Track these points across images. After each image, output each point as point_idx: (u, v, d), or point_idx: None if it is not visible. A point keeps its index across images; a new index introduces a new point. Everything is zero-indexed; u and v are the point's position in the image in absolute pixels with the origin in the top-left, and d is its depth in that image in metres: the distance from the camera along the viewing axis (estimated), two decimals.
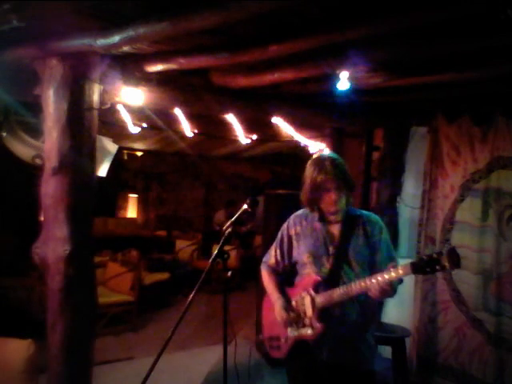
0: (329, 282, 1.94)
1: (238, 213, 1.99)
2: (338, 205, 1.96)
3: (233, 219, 1.96)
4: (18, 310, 4.34)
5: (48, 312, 2.42)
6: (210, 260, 1.87)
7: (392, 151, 4.03)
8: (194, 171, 9.38)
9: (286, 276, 2.18)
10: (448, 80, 2.69)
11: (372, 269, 1.93)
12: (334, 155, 2.04)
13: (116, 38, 2.08)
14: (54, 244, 2.38)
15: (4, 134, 3.37)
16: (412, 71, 2.64)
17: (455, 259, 1.60)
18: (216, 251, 1.86)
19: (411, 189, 3.94)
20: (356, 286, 1.82)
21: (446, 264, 1.60)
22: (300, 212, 2.19)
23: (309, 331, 1.95)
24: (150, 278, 5.69)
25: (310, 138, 4.74)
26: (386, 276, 1.74)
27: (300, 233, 2.11)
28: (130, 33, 2.02)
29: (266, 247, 4.45)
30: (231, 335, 1.93)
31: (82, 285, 2.44)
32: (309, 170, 2.02)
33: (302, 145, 4.82)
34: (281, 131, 4.35)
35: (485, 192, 3.28)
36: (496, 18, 1.73)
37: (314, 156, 2.07)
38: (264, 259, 2.28)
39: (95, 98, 2.49)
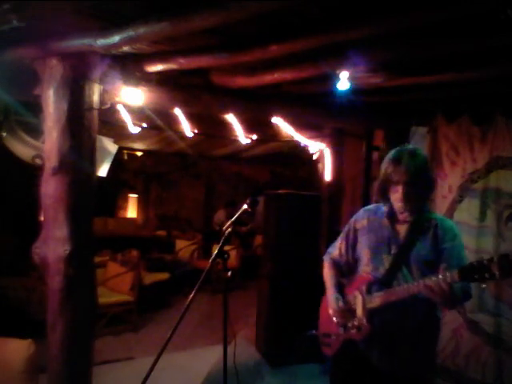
0: (384, 282, 1.86)
1: (238, 213, 1.98)
2: (406, 202, 1.81)
3: (233, 219, 1.95)
4: (17, 310, 4.34)
5: (48, 312, 2.42)
6: (210, 260, 1.86)
7: None
8: (194, 171, 9.38)
9: (349, 272, 2.12)
10: (448, 80, 2.69)
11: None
12: (417, 149, 1.88)
13: (116, 38, 2.09)
14: (54, 244, 2.38)
15: (4, 134, 3.37)
16: (412, 71, 2.64)
17: (506, 267, 1.49)
18: (216, 251, 1.86)
19: None
20: (408, 288, 1.73)
21: (496, 272, 1.49)
22: (371, 206, 2.10)
23: (357, 331, 1.92)
24: (150, 278, 5.69)
25: (310, 137, 4.74)
26: (434, 278, 1.63)
27: (366, 227, 2.02)
28: (130, 33, 2.03)
29: (266, 247, 4.48)
30: (231, 335, 1.93)
31: (82, 285, 2.44)
32: (385, 160, 1.89)
33: (301, 145, 4.82)
34: (281, 131, 4.35)
35: (483, 192, 3.28)
36: (496, 18, 1.73)
37: (396, 148, 1.92)
38: (328, 250, 2.21)
39: (95, 98, 2.49)
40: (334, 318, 2.01)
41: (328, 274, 2.15)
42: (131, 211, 9.11)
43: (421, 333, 1.89)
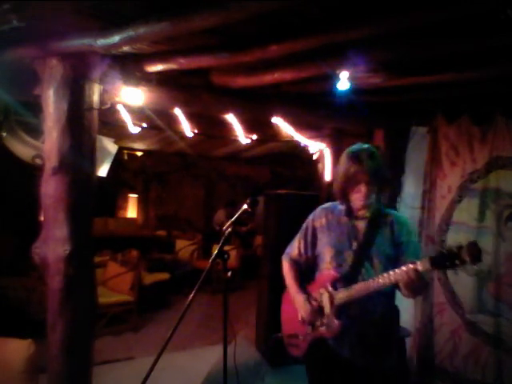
0: (348, 278, 1.90)
1: (238, 213, 1.98)
2: (367, 200, 1.89)
3: (233, 219, 1.95)
4: (17, 310, 4.34)
5: (48, 312, 2.42)
6: (210, 260, 1.86)
7: (392, 151, 4.03)
8: (194, 171, 9.38)
9: (308, 270, 2.14)
10: (448, 80, 2.69)
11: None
12: (373, 148, 1.95)
13: (116, 38, 2.09)
14: (54, 244, 2.38)
15: (4, 134, 3.37)
16: (412, 71, 2.64)
17: (476, 253, 1.54)
18: (216, 251, 1.86)
19: (411, 189, 3.93)
20: (375, 282, 1.79)
21: (467, 258, 1.54)
22: (327, 205, 2.13)
23: (327, 329, 1.93)
24: (150, 278, 5.69)
25: (310, 137, 4.74)
26: (404, 268, 1.70)
27: (325, 225, 2.06)
28: (130, 33, 2.03)
29: (266, 247, 4.48)
30: (231, 335, 1.92)
31: (82, 285, 2.44)
32: (343, 160, 1.93)
33: (302, 145, 4.83)
34: (281, 131, 4.35)
35: (483, 192, 3.27)
36: (496, 17, 1.73)
37: (353, 146, 1.98)
38: (287, 250, 2.23)
39: (95, 98, 2.50)
40: (303, 318, 2.02)
41: (289, 274, 2.16)
42: (131, 211, 9.11)
43: (385, 324, 1.93)
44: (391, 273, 1.74)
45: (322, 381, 2.02)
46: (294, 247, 2.18)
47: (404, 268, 1.70)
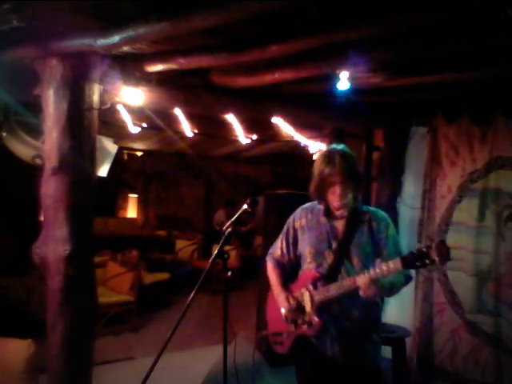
0: (328, 277, 1.94)
1: (238, 213, 1.98)
2: (343, 200, 1.92)
3: (233, 219, 1.96)
4: (17, 310, 4.34)
5: (48, 312, 2.42)
6: (210, 260, 1.87)
7: (392, 151, 4.03)
8: (194, 171, 9.38)
9: (292, 270, 2.18)
10: (448, 80, 2.69)
11: None
12: (345, 149, 1.98)
13: (116, 38, 2.09)
14: (54, 244, 2.38)
15: (4, 134, 3.37)
16: (412, 71, 2.64)
17: (444, 252, 1.58)
18: (216, 251, 1.86)
19: (411, 189, 3.93)
20: (347, 281, 1.84)
21: (436, 258, 1.58)
22: (307, 205, 2.17)
23: (308, 327, 1.96)
24: (150, 278, 5.69)
25: (310, 138, 4.74)
26: (378, 270, 1.75)
27: (305, 226, 2.10)
28: (130, 33, 2.03)
29: (266, 247, 4.47)
30: (231, 335, 1.93)
31: (82, 285, 2.44)
32: (318, 162, 1.97)
33: (301, 145, 4.82)
34: (281, 131, 4.35)
35: (482, 192, 3.28)
36: (496, 17, 1.73)
37: (325, 148, 2.04)
38: (270, 251, 2.27)
39: (95, 98, 2.49)
40: (285, 316, 2.05)
41: (273, 274, 2.20)
42: (131, 211, 9.11)
43: (366, 320, 1.96)
44: (371, 272, 1.78)
45: (310, 380, 2.06)
46: (277, 247, 2.22)
47: (377, 270, 1.76)
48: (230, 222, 1.94)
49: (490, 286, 3.20)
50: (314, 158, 2.07)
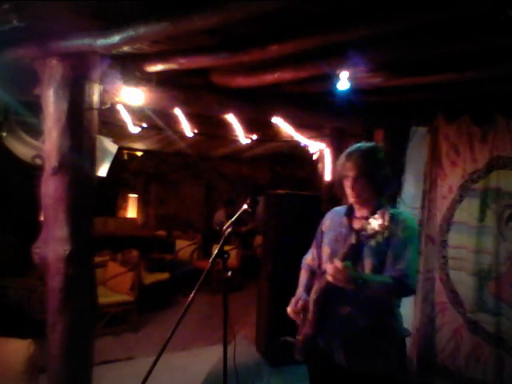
0: None
1: (238, 213, 1.98)
2: (356, 195, 1.89)
3: (233, 219, 1.95)
4: (17, 309, 4.34)
5: (48, 312, 2.42)
6: (210, 260, 1.86)
7: (392, 151, 4.03)
8: (194, 171, 9.38)
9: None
10: (448, 80, 2.69)
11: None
12: (371, 147, 1.97)
13: (116, 38, 2.08)
14: (54, 244, 2.38)
15: (4, 134, 3.37)
16: (412, 71, 2.64)
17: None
18: (216, 251, 1.86)
19: (411, 189, 3.93)
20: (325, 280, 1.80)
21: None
22: (338, 207, 2.14)
23: (308, 324, 1.94)
24: (150, 278, 5.69)
25: (310, 138, 4.75)
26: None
27: (328, 227, 2.09)
28: (130, 33, 2.02)
29: (266, 247, 4.48)
30: (231, 335, 1.93)
31: (81, 285, 2.44)
32: (340, 157, 1.98)
33: (302, 145, 4.83)
34: (281, 131, 4.36)
35: (483, 192, 3.27)
36: (496, 17, 1.73)
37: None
38: (304, 256, 2.25)
39: (95, 98, 2.49)
40: (290, 316, 2.03)
41: (301, 279, 2.17)
42: (131, 211, 9.10)
43: (375, 328, 1.89)
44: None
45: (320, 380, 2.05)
46: (310, 253, 2.22)
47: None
48: (229, 222, 1.94)
49: (491, 285, 3.20)
50: (314, 157, 2.06)
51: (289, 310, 2.03)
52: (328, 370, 1.98)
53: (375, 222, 1.62)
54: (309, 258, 2.21)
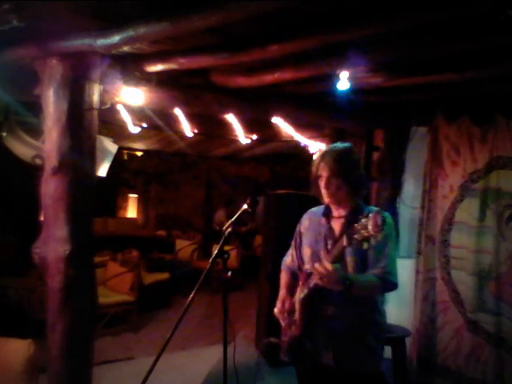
0: None
1: (238, 213, 1.98)
2: (330, 194, 1.91)
3: (233, 219, 1.95)
4: (17, 309, 4.34)
5: (48, 312, 2.42)
6: (210, 260, 1.86)
7: (392, 151, 4.03)
8: (194, 171, 9.38)
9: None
10: (448, 80, 2.69)
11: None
12: (345, 147, 1.98)
13: (116, 38, 2.08)
14: (54, 244, 2.38)
15: (4, 134, 3.37)
16: (412, 71, 2.64)
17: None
18: (216, 251, 1.86)
19: (411, 189, 3.93)
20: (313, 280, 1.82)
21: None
22: (314, 208, 2.15)
23: (295, 325, 1.95)
24: (150, 278, 5.69)
25: (310, 138, 4.75)
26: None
27: (307, 228, 2.10)
28: (130, 33, 2.02)
29: (266, 247, 4.47)
30: (231, 335, 1.92)
31: (82, 285, 2.44)
32: (316, 156, 2.01)
33: (302, 145, 4.83)
34: (281, 131, 4.36)
35: (483, 192, 3.28)
36: (496, 17, 1.73)
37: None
38: (284, 258, 2.26)
39: (95, 98, 2.49)
40: (276, 317, 2.06)
41: (281, 281, 2.19)
42: (131, 211, 9.11)
43: (360, 323, 1.91)
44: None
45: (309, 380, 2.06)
46: (289, 254, 2.22)
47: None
48: (229, 222, 1.94)
49: (491, 284, 3.21)
50: (314, 157, 2.06)
51: (276, 310, 2.06)
52: (316, 371, 1.98)
53: (369, 226, 1.60)
54: (288, 260, 2.21)
